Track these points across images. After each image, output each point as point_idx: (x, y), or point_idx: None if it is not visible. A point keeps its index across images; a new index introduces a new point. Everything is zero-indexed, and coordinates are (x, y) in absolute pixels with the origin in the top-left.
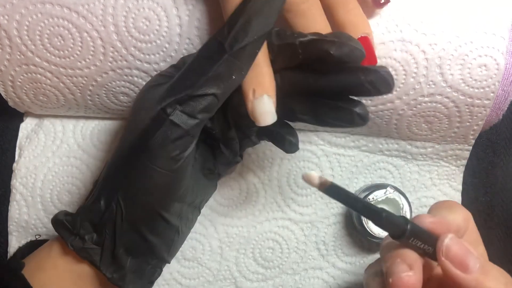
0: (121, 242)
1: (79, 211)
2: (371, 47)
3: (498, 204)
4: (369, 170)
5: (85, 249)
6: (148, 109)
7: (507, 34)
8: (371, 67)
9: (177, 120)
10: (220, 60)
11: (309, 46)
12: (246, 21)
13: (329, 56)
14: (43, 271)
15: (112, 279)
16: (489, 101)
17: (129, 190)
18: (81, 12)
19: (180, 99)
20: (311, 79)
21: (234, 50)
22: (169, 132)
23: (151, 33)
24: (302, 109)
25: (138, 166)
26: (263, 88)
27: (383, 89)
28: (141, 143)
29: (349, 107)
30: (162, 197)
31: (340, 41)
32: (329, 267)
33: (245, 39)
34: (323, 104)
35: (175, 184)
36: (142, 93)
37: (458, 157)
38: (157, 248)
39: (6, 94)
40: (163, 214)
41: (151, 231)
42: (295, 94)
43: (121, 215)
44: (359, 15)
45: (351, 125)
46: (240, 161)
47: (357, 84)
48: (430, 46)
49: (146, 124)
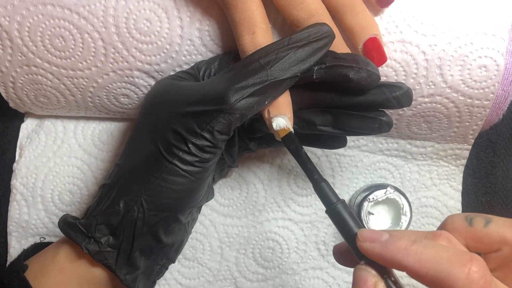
0: (138, 244)
1: (93, 214)
2: (380, 47)
3: (498, 204)
4: (369, 170)
5: (101, 252)
6: (172, 114)
7: (507, 35)
8: (393, 84)
9: (207, 135)
10: (259, 85)
11: (327, 72)
12: (293, 56)
13: (347, 81)
14: (47, 275)
15: (125, 280)
16: (489, 101)
17: (152, 194)
18: (82, 13)
19: (212, 113)
20: (334, 96)
21: (276, 80)
22: (198, 143)
23: (152, 35)
24: (323, 121)
25: (163, 172)
26: (277, 108)
27: (406, 104)
28: (166, 150)
29: (376, 116)
30: (184, 202)
31: (358, 66)
32: (329, 267)
33: (287, 73)
34: (345, 114)
35: (198, 190)
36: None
37: (458, 156)
38: (169, 249)
39: (7, 95)
40: (180, 217)
41: (166, 233)
42: (313, 107)
43: (142, 218)
44: (366, 17)
45: (377, 133)
46: (236, 167)
47: (383, 100)
48: (430, 47)
49: (174, 132)
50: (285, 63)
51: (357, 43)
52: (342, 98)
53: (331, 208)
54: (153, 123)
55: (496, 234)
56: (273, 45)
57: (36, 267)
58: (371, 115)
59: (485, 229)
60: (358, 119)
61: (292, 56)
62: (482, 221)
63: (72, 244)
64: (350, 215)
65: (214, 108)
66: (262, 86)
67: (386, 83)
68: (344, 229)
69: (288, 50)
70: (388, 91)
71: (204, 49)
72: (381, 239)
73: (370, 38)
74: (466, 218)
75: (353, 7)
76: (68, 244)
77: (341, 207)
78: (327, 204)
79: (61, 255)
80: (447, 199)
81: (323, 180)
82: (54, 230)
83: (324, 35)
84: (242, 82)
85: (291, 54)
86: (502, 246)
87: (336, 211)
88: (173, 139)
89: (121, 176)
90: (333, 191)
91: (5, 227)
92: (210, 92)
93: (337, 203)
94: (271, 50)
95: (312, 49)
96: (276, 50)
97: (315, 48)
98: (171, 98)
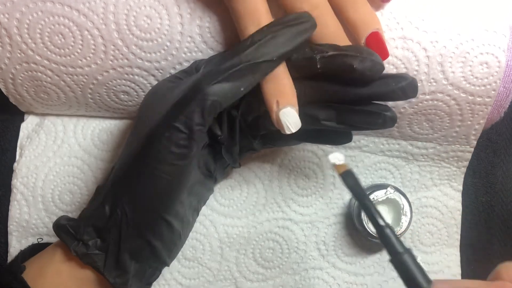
0: (125, 247)
1: (82, 216)
2: (382, 41)
3: (498, 204)
4: (370, 171)
5: (89, 254)
6: (154, 115)
7: (509, 31)
8: (397, 75)
9: (181, 126)
10: (233, 68)
11: (331, 61)
12: (270, 39)
13: (352, 70)
14: (45, 277)
15: (115, 284)
16: (490, 98)
17: (133, 195)
18: (82, 10)
19: (186, 103)
20: (338, 89)
21: (250, 63)
22: (173, 136)
23: (152, 31)
24: (326, 116)
25: (142, 172)
26: (286, 99)
27: (411, 94)
28: (145, 149)
29: (380, 111)
30: (166, 201)
31: (362, 56)
32: (329, 267)
33: (264, 56)
34: (349, 109)
35: (179, 188)
36: (148, 99)
37: (460, 158)
38: (160, 251)
39: (7, 91)
40: (166, 218)
41: (155, 235)
42: (317, 102)
43: (126, 221)
44: (368, 12)
45: (381, 128)
46: (238, 167)
47: (389, 91)
48: (431, 43)
49: (150, 130)
50: (261, 47)
51: (360, 38)
52: (347, 91)
53: (397, 258)
54: (140, 126)
55: None
56: (252, 33)
57: (34, 268)
58: (375, 110)
59: None
60: (362, 114)
61: (270, 40)
62: None
63: (66, 246)
64: (419, 267)
65: (189, 98)
66: (236, 69)
67: (390, 74)
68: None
69: (264, 34)
70: (393, 82)
71: (205, 46)
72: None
73: (373, 33)
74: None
75: (356, 1)
76: (63, 246)
77: (408, 258)
78: (392, 253)
79: (58, 257)
80: (448, 200)
81: (388, 225)
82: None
83: (304, 20)
84: (215, 68)
85: (268, 38)
86: None
87: (402, 261)
88: (152, 138)
89: (111, 179)
90: (398, 239)
91: (5, 226)
92: (188, 83)
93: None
94: (247, 37)
95: (291, 33)
96: (252, 36)
97: (294, 32)
98: (158, 100)
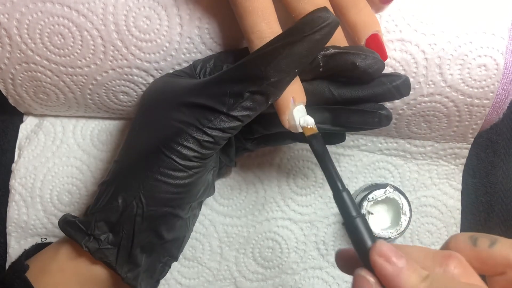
0: (138, 240)
1: (92, 211)
2: (381, 43)
3: (498, 204)
4: (369, 170)
5: (101, 249)
6: (172, 107)
7: (507, 34)
8: (391, 74)
9: (209, 131)
10: (255, 87)
11: (333, 59)
12: (293, 55)
13: (354, 68)
14: (48, 274)
15: (126, 278)
16: (488, 100)
17: (152, 189)
18: (81, 11)
19: (213, 112)
20: (333, 90)
21: (272, 81)
22: (199, 138)
23: (151, 32)
24: (321, 119)
25: (164, 166)
26: (300, 96)
27: (405, 93)
28: (167, 144)
29: (375, 111)
30: (183, 197)
31: (365, 54)
32: (329, 267)
33: (284, 73)
34: (343, 110)
35: (196, 185)
36: (157, 90)
37: (457, 155)
38: (171, 245)
39: (6, 92)
40: (179, 212)
41: (167, 229)
42: (312, 105)
43: (141, 214)
44: (369, 14)
45: (377, 127)
46: (234, 166)
47: (384, 91)
48: (429, 46)
49: (173, 127)
50: (282, 63)
51: (360, 39)
52: (342, 92)
53: (350, 221)
54: (151, 118)
55: (501, 256)
56: (270, 42)
57: (37, 266)
58: (370, 109)
59: (490, 250)
60: (357, 114)
61: (289, 53)
62: (487, 241)
63: (72, 243)
64: (369, 230)
65: (215, 108)
66: (259, 89)
67: (383, 74)
68: (358, 239)
69: (284, 48)
70: (387, 81)
71: (204, 47)
72: (397, 264)
73: (372, 35)
74: (471, 238)
75: (357, 3)
76: (68, 243)
77: (360, 221)
78: (346, 216)
79: (62, 254)
80: (447, 198)
81: (345, 189)
82: (53, 231)
83: (324, 25)
84: (239, 85)
85: (287, 51)
86: (507, 269)
87: (354, 225)
88: (171, 133)
89: (119, 173)
90: (354, 203)
91: (4, 227)
92: (210, 90)
93: (357, 217)
94: (267, 48)
95: (311, 43)
96: (272, 48)
97: (313, 41)
98: (170, 92)
